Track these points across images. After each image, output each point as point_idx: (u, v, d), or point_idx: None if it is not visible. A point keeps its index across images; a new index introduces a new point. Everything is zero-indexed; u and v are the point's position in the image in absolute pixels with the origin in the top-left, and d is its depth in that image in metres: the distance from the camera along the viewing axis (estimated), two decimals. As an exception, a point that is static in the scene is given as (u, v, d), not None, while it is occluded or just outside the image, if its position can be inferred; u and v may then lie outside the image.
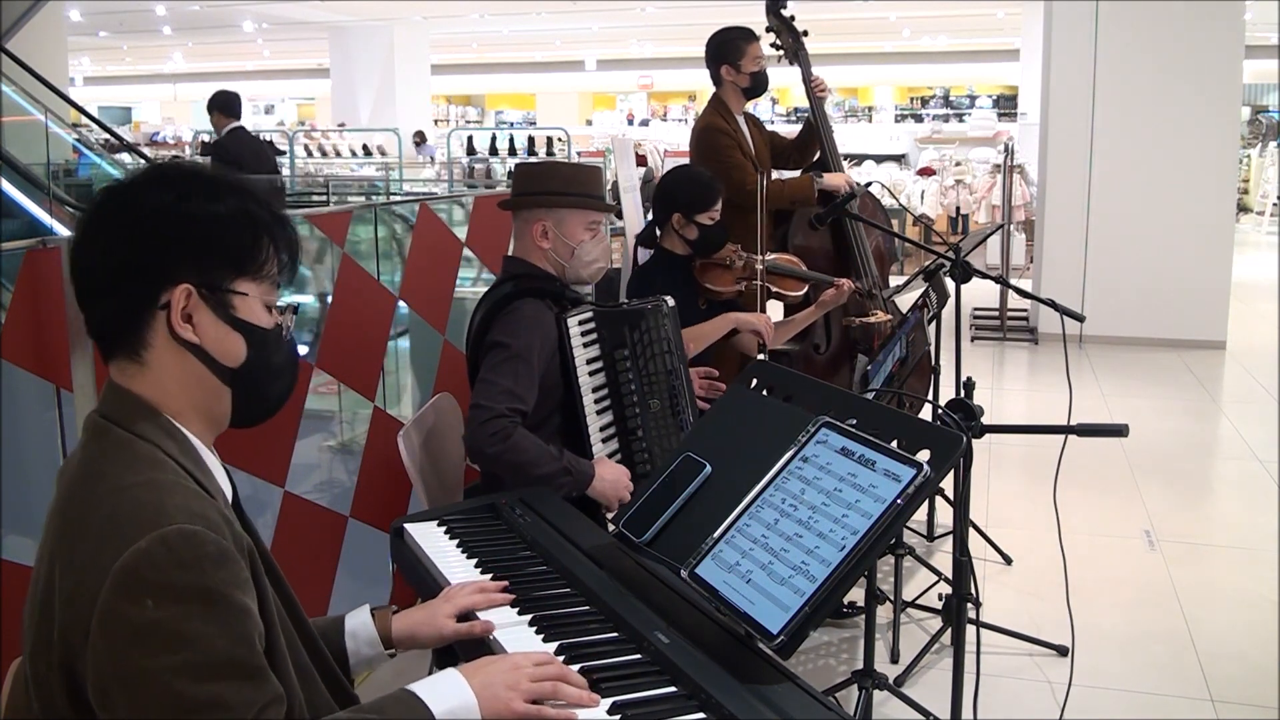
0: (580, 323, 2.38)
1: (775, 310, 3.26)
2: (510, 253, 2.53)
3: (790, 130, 4.06)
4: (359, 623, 1.46)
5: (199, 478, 1.15)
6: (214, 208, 1.19)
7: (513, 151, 12.56)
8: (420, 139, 15.24)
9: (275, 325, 1.24)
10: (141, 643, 1.00)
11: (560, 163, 3.51)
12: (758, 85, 3.67)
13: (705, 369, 2.79)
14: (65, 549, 1.07)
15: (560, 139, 12.18)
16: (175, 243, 1.16)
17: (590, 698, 1.26)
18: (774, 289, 3.17)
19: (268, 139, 13.94)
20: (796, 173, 3.96)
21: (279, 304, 1.26)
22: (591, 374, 2.39)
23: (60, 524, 1.10)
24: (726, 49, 3.64)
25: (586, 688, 1.27)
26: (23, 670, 1.14)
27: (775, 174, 3.78)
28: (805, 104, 3.84)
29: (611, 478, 2.29)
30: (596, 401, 2.39)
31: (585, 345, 2.38)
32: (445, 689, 1.22)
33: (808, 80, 3.78)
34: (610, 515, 2.28)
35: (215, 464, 1.23)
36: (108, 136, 10.48)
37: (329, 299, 2.77)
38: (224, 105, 6.74)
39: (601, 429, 2.40)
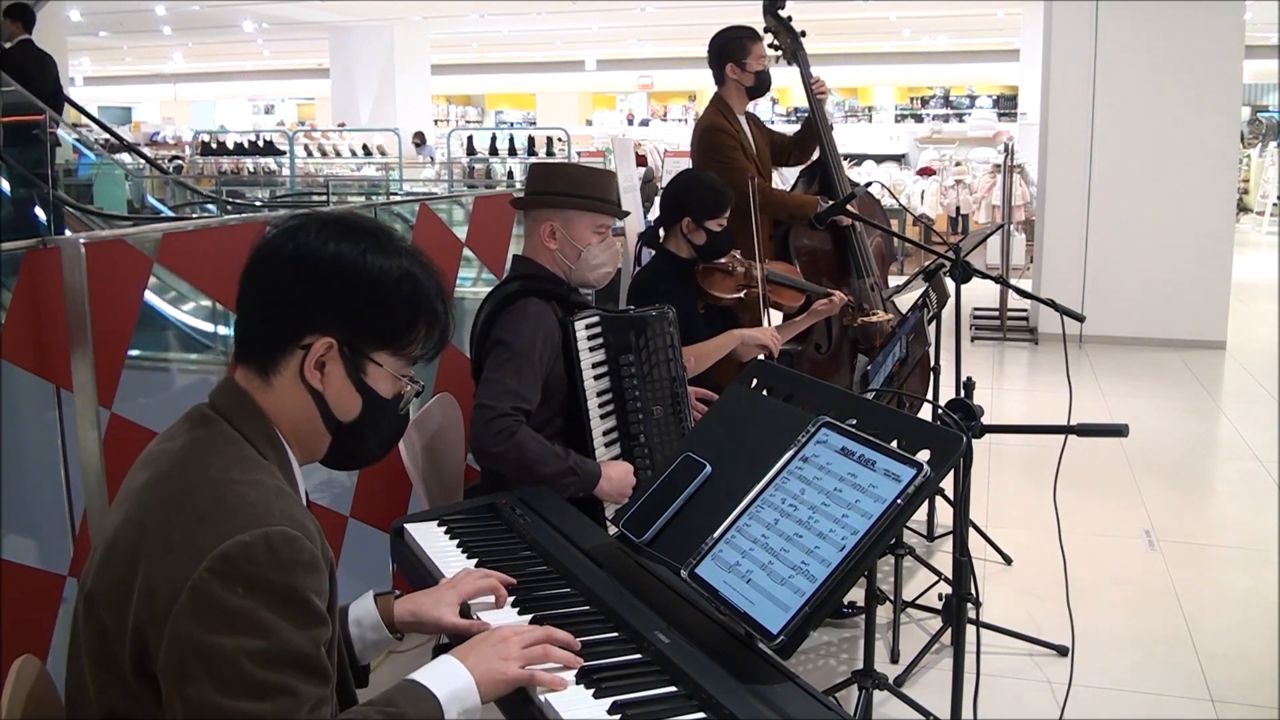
0: (587, 326, 2.38)
1: (773, 318, 3.26)
2: (519, 252, 2.53)
3: (791, 130, 4.07)
4: (363, 610, 1.49)
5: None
6: (391, 271, 1.24)
7: (513, 151, 12.54)
8: (420, 140, 15.23)
9: (395, 395, 1.30)
10: (226, 623, 1.06)
11: (572, 164, 3.50)
12: (761, 84, 3.67)
13: (703, 391, 2.76)
14: (160, 519, 1.11)
15: (560, 139, 12.17)
16: (340, 295, 1.22)
17: (574, 660, 1.33)
18: (772, 298, 3.17)
19: (268, 139, 14.02)
20: (796, 170, 3.96)
21: (407, 377, 1.31)
22: (596, 378, 2.38)
23: (157, 496, 1.14)
24: (731, 47, 3.64)
25: (573, 641, 1.35)
26: (79, 635, 1.17)
27: (777, 183, 3.78)
28: (805, 104, 3.84)
29: (618, 477, 2.29)
30: (600, 406, 2.39)
31: (591, 349, 2.38)
32: (444, 673, 1.27)
33: (807, 80, 3.78)
34: (610, 518, 2.27)
35: (301, 483, 1.29)
36: (108, 136, 10.47)
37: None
38: (21, 15, 6.72)
39: (605, 433, 2.39)
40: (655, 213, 5.81)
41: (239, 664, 1.05)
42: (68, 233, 6.00)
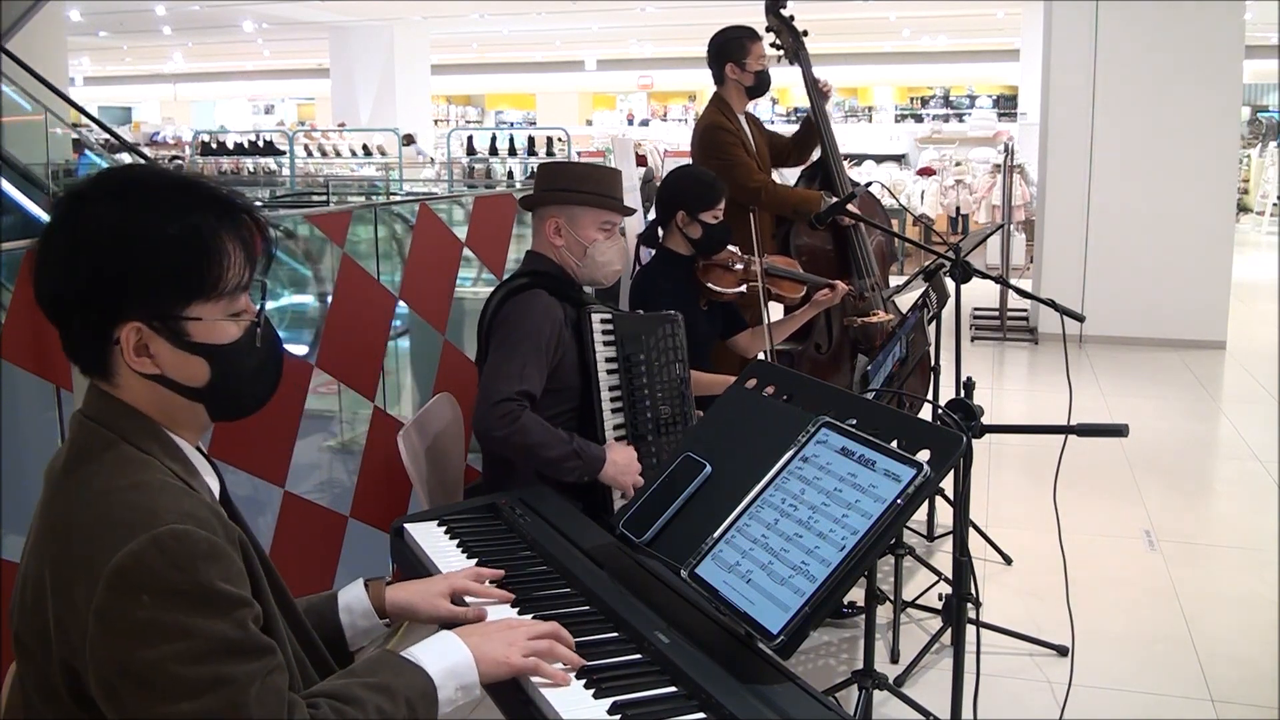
0: (602, 321, 2.41)
1: (775, 311, 3.26)
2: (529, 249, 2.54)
3: (790, 130, 4.07)
4: (353, 597, 1.47)
5: (185, 477, 1.16)
6: (158, 225, 1.12)
7: (513, 151, 12.52)
8: (408, 141, 15.14)
9: (243, 332, 1.19)
10: (141, 637, 1.02)
11: (577, 162, 3.55)
12: (761, 84, 3.68)
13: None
14: (55, 549, 1.08)
15: (560, 139, 12.16)
16: (118, 275, 1.11)
17: (577, 660, 1.32)
18: (773, 290, 3.17)
19: (268, 139, 14.02)
20: (797, 171, 3.96)
21: (241, 313, 1.19)
22: (609, 373, 2.41)
23: (48, 524, 1.11)
24: (731, 47, 3.65)
25: (574, 646, 1.34)
26: (19, 671, 1.15)
27: (778, 178, 3.78)
28: (805, 104, 3.84)
29: (623, 461, 2.31)
30: (611, 401, 2.41)
31: (605, 344, 2.40)
32: (441, 648, 1.25)
33: (809, 80, 3.78)
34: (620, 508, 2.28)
35: (200, 461, 1.23)
36: (108, 136, 10.46)
37: (329, 299, 2.77)
38: None
39: (615, 428, 2.42)
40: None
41: (167, 670, 1.02)
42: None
